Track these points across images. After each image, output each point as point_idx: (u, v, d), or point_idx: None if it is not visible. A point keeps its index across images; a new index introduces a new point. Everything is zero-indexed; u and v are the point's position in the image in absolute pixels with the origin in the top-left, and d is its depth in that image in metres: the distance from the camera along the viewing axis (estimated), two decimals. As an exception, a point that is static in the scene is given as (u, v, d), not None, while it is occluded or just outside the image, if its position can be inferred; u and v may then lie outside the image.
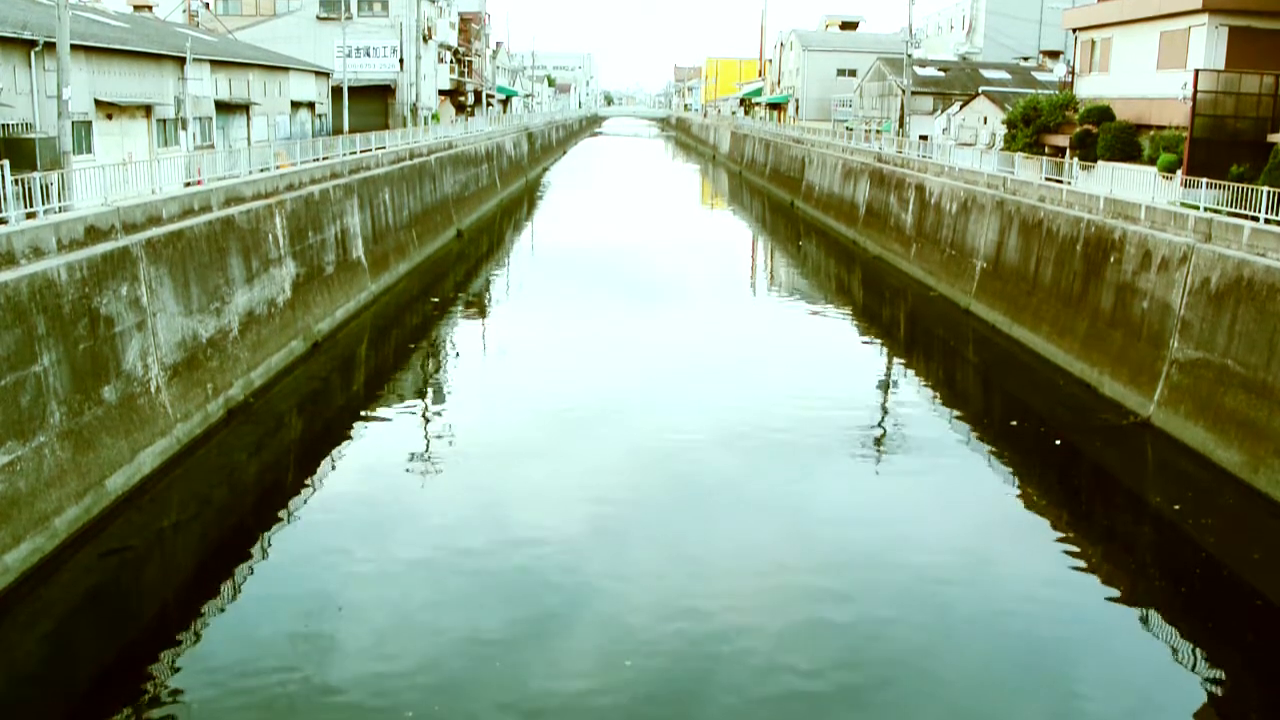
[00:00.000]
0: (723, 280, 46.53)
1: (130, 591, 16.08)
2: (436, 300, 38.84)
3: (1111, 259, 27.02)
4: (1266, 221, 21.92)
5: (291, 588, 15.90)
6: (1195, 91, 30.86)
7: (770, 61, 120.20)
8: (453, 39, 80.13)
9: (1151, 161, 33.24)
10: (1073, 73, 46.35)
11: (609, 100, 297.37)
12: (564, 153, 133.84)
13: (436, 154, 52.31)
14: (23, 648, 14.04)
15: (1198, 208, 24.48)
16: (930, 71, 69.72)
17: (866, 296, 43.74)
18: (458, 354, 31.97)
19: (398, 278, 40.00)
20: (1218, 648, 15.01)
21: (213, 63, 39.30)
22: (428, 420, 24.60)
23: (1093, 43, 43.26)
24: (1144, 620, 15.71)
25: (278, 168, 30.98)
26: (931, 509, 19.83)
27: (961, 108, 59.75)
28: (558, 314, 36.95)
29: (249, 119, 44.26)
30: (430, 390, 27.59)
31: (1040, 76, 63.42)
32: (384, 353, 31.76)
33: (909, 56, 57.25)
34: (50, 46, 24.13)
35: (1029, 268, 32.24)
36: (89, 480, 17.26)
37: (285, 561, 16.87)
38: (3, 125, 24.64)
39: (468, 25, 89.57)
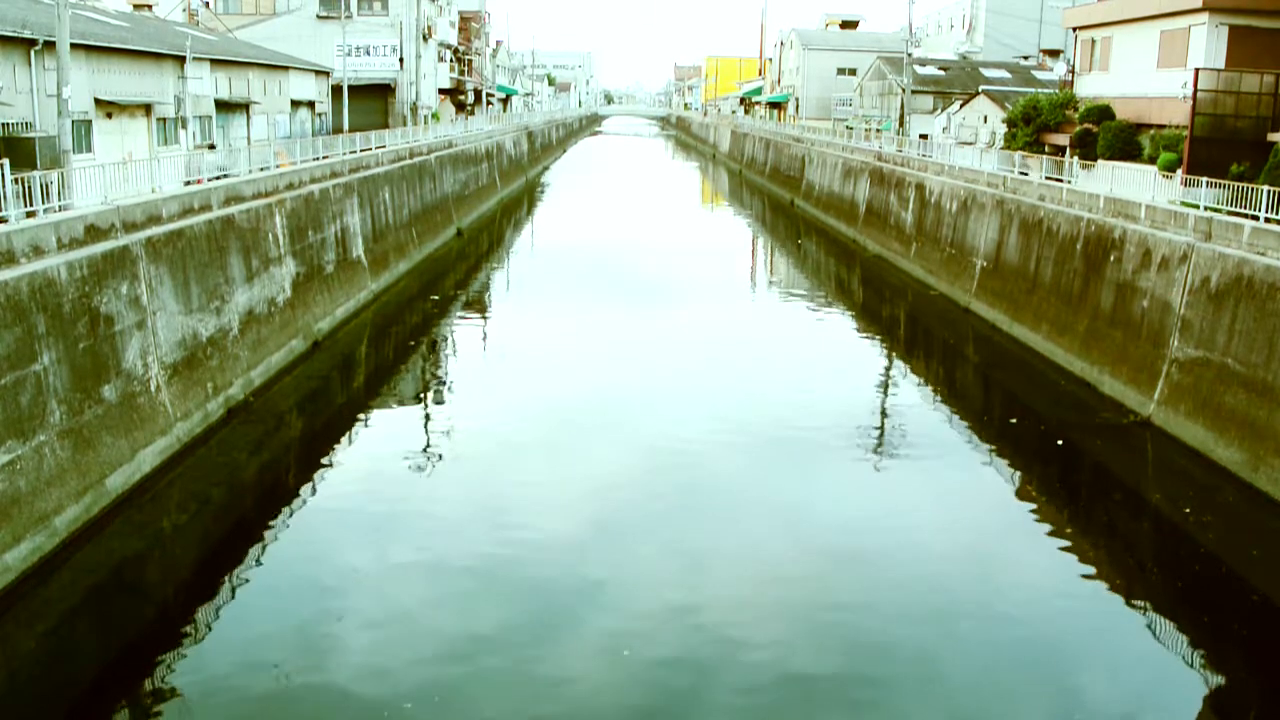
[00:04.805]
0: (723, 279, 46.51)
1: (130, 591, 16.08)
2: (437, 299, 38.82)
3: (1111, 258, 27.02)
4: (1266, 220, 21.92)
5: (292, 586, 15.91)
6: (1195, 90, 30.86)
7: (770, 60, 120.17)
8: (452, 38, 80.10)
9: (1152, 160, 33.23)
10: (1073, 72, 46.33)
11: (609, 99, 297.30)
12: (564, 151, 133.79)
13: (436, 153, 52.29)
14: (23, 647, 14.05)
15: (1198, 207, 24.47)
16: (930, 70, 69.74)
17: (867, 295, 43.73)
18: (458, 353, 31.95)
19: (398, 276, 39.99)
20: (1217, 647, 15.02)
21: (213, 62, 39.29)
22: (428, 419, 24.61)
23: (1093, 42, 43.25)
24: (1144, 619, 15.72)
25: (278, 167, 30.97)
26: (931, 507, 19.83)
27: (962, 106, 59.72)
28: (558, 312, 36.93)
29: (249, 118, 44.25)
30: (430, 389, 27.58)
31: (1040, 75, 63.43)
32: (384, 352, 31.76)
33: (909, 55, 57.23)
34: (50, 45, 24.12)
35: (1029, 266, 32.24)
36: (89, 479, 17.27)
37: (285, 560, 16.88)
38: (3, 124, 24.63)
39: (467, 24, 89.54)
